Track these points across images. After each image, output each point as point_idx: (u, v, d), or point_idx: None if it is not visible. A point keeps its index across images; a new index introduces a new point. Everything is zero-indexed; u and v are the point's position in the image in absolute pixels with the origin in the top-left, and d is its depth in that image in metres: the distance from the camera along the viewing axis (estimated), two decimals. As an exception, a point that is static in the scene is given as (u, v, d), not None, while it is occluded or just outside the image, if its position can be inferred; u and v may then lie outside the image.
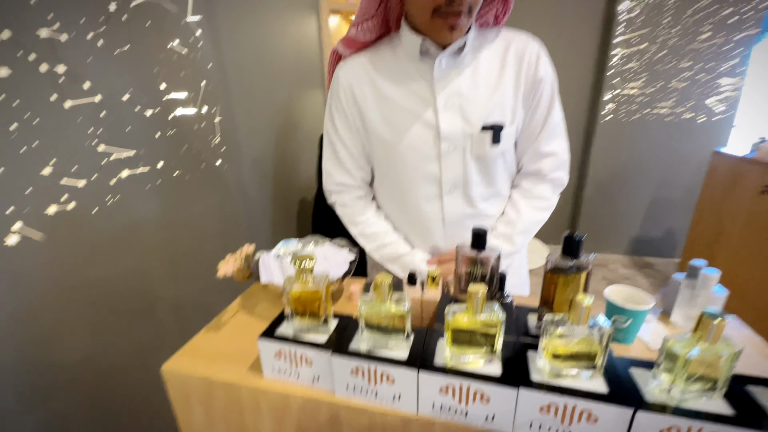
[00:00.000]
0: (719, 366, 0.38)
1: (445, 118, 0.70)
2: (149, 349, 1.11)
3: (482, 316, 0.43)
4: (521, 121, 0.73)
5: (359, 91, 0.74)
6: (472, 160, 0.72)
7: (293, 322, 0.52)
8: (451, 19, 0.61)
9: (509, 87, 0.70)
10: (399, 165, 0.75)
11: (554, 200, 0.79)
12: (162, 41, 1.07)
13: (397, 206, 0.81)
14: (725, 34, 2.44)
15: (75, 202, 0.87)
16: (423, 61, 0.70)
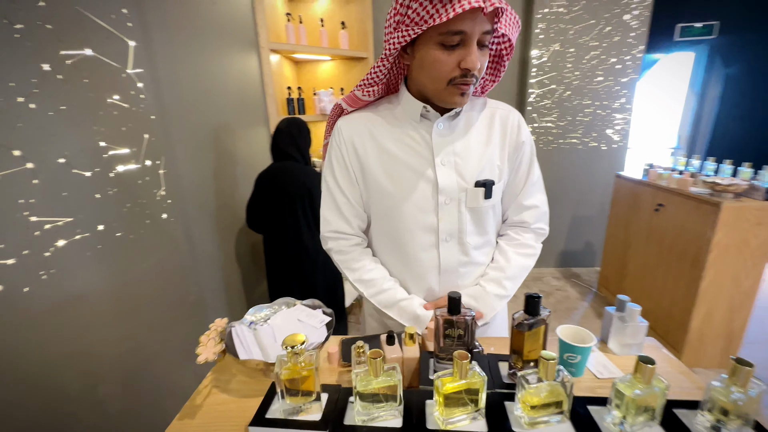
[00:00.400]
0: (655, 399, 0.47)
1: (442, 174, 0.78)
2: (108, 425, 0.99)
3: (466, 381, 0.48)
4: (507, 177, 0.84)
5: (361, 146, 0.80)
6: (467, 211, 0.80)
7: (285, 403, 0.53)
8: (463, 87, 0.70)
9: (496, 148, 0.81)
10: (399, 215, 0.80)
11: (538, 248, 0.88)
12: (101, 97, 1.01)
13: (395, 254, 0.85)
14: (613, 77, 2.94)
15: (2, 285, 0.77)
16: (422, 123, 0.79)
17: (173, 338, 1.31)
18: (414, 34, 0.66)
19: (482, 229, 0.83)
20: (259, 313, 0.76)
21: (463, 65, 0.66)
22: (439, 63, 0.67)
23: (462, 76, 0.68)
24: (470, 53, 0.65)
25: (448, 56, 0.67)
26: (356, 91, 0.81)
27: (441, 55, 0.67)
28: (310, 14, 2.85)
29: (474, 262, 0.84)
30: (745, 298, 1.96)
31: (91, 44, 0.98)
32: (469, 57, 0.65)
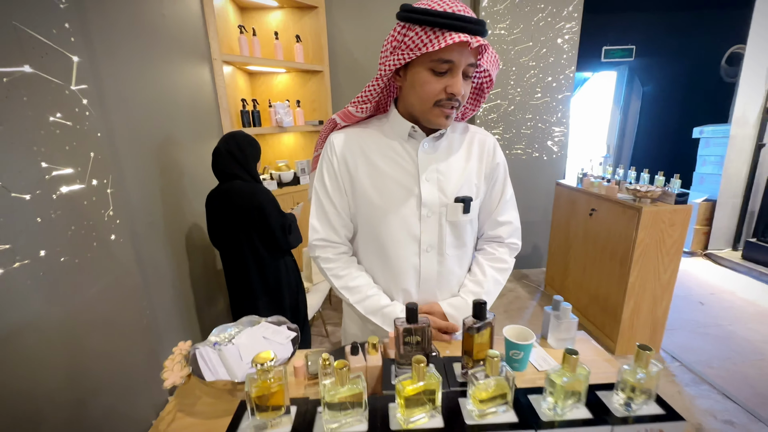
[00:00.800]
0: (581, 384, 0.56)
1: (426, 189, 0.85)
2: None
3: (426, 382, 0.54)
4: (483, 195, 0.92)
5: (351, 159, 0.87)
6: (447, 224, 0.87)
7: (255, 420, 0.55)
8: (447, 110, 0.78)
9: (474, 168, 0.89)
10: (384, 226, 0.86)
11: (511, 263, 0.97)
12: (42, 116, 0.96)
13: (379, 261, 0.90)
14: (550, 94, 3.23)
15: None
16: (409, 141, 0.86)
17: (127, 366, 1.25)
18: (409, 58, 0.74)
19: (461, 241, 0.91)
20: (223, 333, 0.77)
21: (449, 90, 0.75)
22: (429, 85, 0.76)
23: (447, 100, 0.76)
24: (456, 81, 0.74)
25: (437, 81, 0.75)
26: (350, 107, 0.88)
27: (431, 79, 0.76)
28: (264, 27, 2.85)
29: (451, 272, 0.92)
30: (664, 290, 2.23)
31: (31, 60, 0.93)
32: (455, 84, 0.74)
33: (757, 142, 3.65)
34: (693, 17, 4.36)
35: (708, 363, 2.30)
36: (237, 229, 1.59)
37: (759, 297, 3.09)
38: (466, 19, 0.70)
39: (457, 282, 0.95)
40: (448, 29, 0.69)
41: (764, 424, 1.81)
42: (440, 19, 0.69)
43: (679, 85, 4.64)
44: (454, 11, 0.70)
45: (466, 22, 0.69)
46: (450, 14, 0.69)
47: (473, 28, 0.70)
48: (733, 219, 3.89)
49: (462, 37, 0.69)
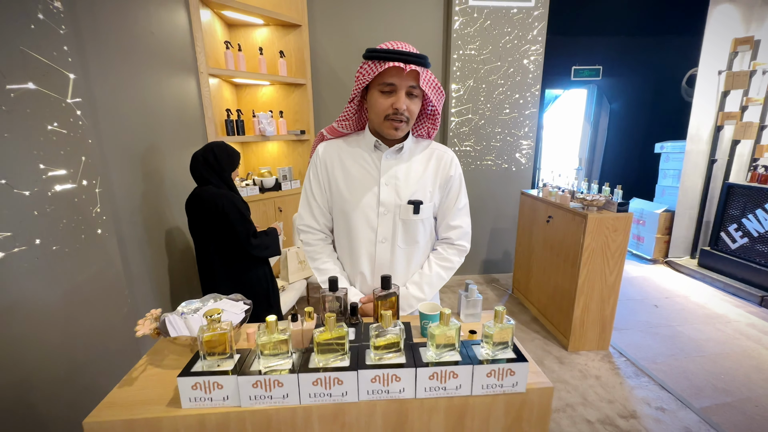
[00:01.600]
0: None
1: (384, 191, 1.05)
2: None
3: (334, 332, 0.72)
4: (438, 201, 1.12)
5: (331, 166, 1.09)
6: (400, 222, 1.07)
7: (205, 361, 0.72)
8: (395, 123, 0.98)
9: (430, 177, 1.09)
10: (351, 218, 1.07)
11: (457, 263, 1.16)
12: (41, 125, 1.13)
13: (346, 247, 1.12)
14: (518, 110, 3.47)
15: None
16: (375, 152, 1.07)
17: (107, 348, 1.39)
18: (364, 84, 0.98)
19: (412, 238, 1.10)
20: (190, 306, 0.94)
21: (394, 106, 0.96)
22: (378, 103, 0.98)
23: (394, 114, 0.97)
24: (399, 98, 0.96)
25: (385, 99, 0.98)
26: (335, 124, 1.11)
27: (380, 98, 0.98)
28: (250, 43, 3.05)
29: (401, 264, 1.11)
30: (610, 290, 2.44)
31: (34, 79, 1.10)
32: (397, 100, 0.96)
33: (710, 158, 3.95)
34: (654, 41, 4.70)
35: (653, 359, 2.51)
36: (205, 232, 1.74)
37: (709, 301, 3.33)
38: (400, 53, 0.93)
39: (404, 273, 1.13)
40: (387, 60, 0.92)
41: (690, 410, 2.01)
42: (382, 53, 0.93)
43: (643, 103, 4.96)
44: (395, 48, 0.93)
45: (400, 54, 0.92)
46: (388, 50, 0.93)
47: (406, 59, 0.92)
48: (691, 229, 4.16)
49: (396, 64, 0.92)
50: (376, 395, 0.72)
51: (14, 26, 1.04)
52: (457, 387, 0.73)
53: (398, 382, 0.72)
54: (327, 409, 0.72)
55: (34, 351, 1.11)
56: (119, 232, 1.53)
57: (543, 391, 0.76)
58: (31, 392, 1.10)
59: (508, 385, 0.74)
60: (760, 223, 3.35)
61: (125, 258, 1.56)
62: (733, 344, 2.67)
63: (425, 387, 0.72)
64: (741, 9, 3.63)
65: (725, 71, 3.73)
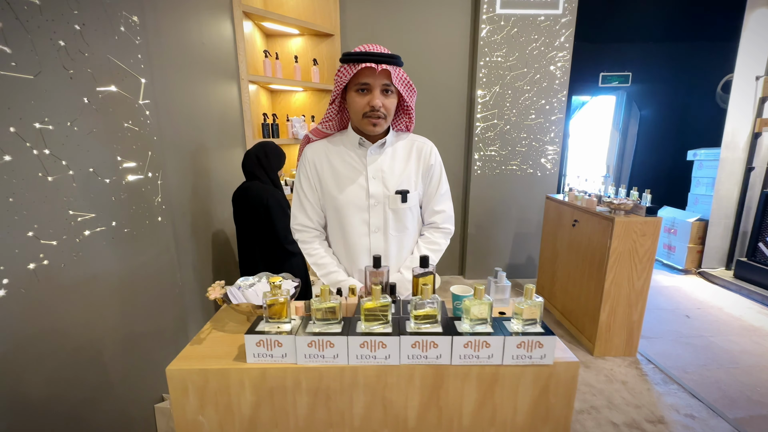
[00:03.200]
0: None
1: (372, 184, 1.13)
2: (111, 384, 1.21)
3: (379, 302, 0.81)
4: (422, 189, 1.20)
5: (319, 165, 1.16)
6: (390, 211, 1.15)
7: (268, 323, 0.83)
8: (373, 120, 1.06)
9: (413, 168, 1.18)
10: (344, 213, 1.15)
11: (444, 245, 1.24)
12: (120, 123, 1.30)
13: (340, 241, 1.19)
14: (544, 116, 3.50)
15: (48, 260, 1.02)
16: (360, 149, 1.15)
17: (160, 321, 1.54)
18: (342, 86, 1.07)
19: (402, 225, 1.19)
20: (245, 281, 1.06)
21: (369, 103, 1.05)
22: (355, 102, 1.06)
23: (371, 111, 1.05)
24: (374, 97, 1.04)
25: (361, 98, 1.06)
26: (319, 125, 1.19)
27: (357, 97, 1.06)
28: (286, 52, 3.24)
29: (393, 251, 1.19)
30: (638, 296, 2.42)
31: (116, 82, 1.27)
32: (373, 98, 1.04)
33: (747, 166, 3.82)
34: (686, 47, 4.62)
35: (684, 368, 2.46)
36: (249, 224, 1.88)
37: (744, 313, 3.21)
38: (372, 54, 0.99)
39: (396, 258, 1.21)
40: (360, 62, 1.00)
41: (723, 419, 1.97)
42: (355, 56, 1.00)
43: (674, 109, 4.85)
44: (367, 50, 1.00)
45: (371, 55, 0.99)
46: (359, 52, 1.00)
47: (377, 59, 0.99)
48: (726, 239, 4.02)
49: (368, 65, 0.99)
50: (415, 360, 0.81)
51: (104, 37, 1.21)
52: (489, 356, 0.80)
53: (435, 348, 0.80)
54: (371, 370, 0.81)
55: (105, 318, 1.26)
56: (173, 220, 1.69)
57: (569, 365, 0.82)
58: (103, 352, 1.25)
59: (536, 357, 0.80)
60: (802, 234, 3.21)
61: (178, 243, 1.72)
62: (770, 357, 2.58)
63: (460, 354, 0.80)
64: (780, 13, 3.53)
65: (763, 76, 3.62)
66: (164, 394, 1.53)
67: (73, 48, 1.09)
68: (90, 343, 1.19)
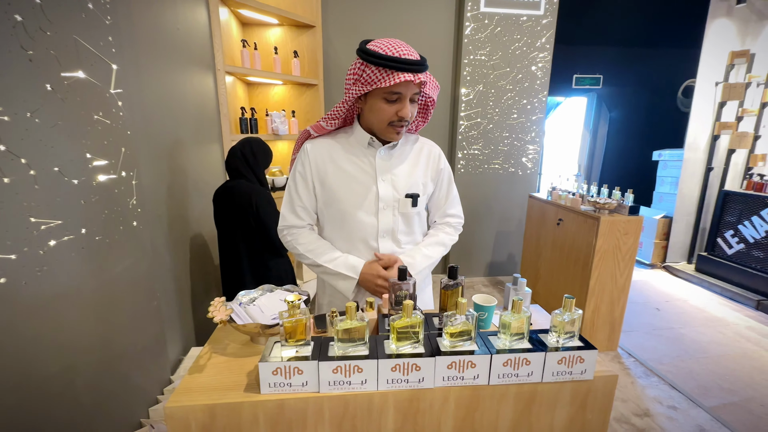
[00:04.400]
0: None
1: (382, 187, 1.05)
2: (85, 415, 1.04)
3: (410, 319, 0.74)
4: (430, 192, 1.14)
5: (322, 164, 1.06)
6: (399, 215, 1.08)
7: (286, 347, 0.73)
8: (398, 128, 0.99)
9: (421, 171, 1.11)
10: (350, 217, 1.06)
11: (456, 237, 1.21)
12: (89, 114, 1.13)
13: (347, 247, 1.10)
14: (525, 116, 3.54)
15: (4, 278, 0.85)
16: (368, 149, 1.06)
17: (138, 340, 1.38)
18: (366, 90, 0.95)
19: (410, 229, 1.13)
20: (246, 296, 0.94)
21: (399, 114, 0.97)
22: (383, 111, 0.97)
23: (398, 121, 0.98)
24: (405, 107, 0.96)
25: (390, 107, 0.97)
26: (322, 121, 1.08)
27: (385, 106, 0.97)
28: (264, 42, 3.06)
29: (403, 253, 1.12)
30: (620, 292, 2.50)
31: (84, 67, 1.10)
32: (404, 109, 0.96)
33: (707, 166, 4.08)
34: (653, 52, 4.85)
35: (660, 360, 2.57)
36: (234, 226, 1.74)
37: (707, 304, 3.42)
38: (410, 62, 0.89)
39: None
40: (397, 70, 0.89)
41: (702, 409, 2.07)
42: (390, 63, 0.88)
43: (641, 112, 5.10)
44: (401, 56, 0.89)
45: (410, 64, 0.89)
46: (398, 59, 0.89)
47: (416, 69, 0.90)
48: (688, 235, 4.28)
49: (407, 76, 0.89)
50: (451, 381, 0.74)
51: (69, 14, 1.03)
52: (528, 374, 0.75)
53: (473, 368, 0.73)
54: (402, 395, 0.74)
55: (78, 339, 1.09)
56: (149, 224, 1.52)
57: (608, 378, 0.78)
58: (77, 378, 1.08)
59: (576, 372, 0.76)
60: (756, 230, 3.47)
61: (156, 250, 1.55)
62: (734, 346, 2.75)
63: (498, 374, 0.74)
64: (737, 23, 3.78)
65: (722, 83, 3.87)
66: (142, 419, 1.37)
67: (32, 25, 0.92)
68: (61, 371, 1.02)
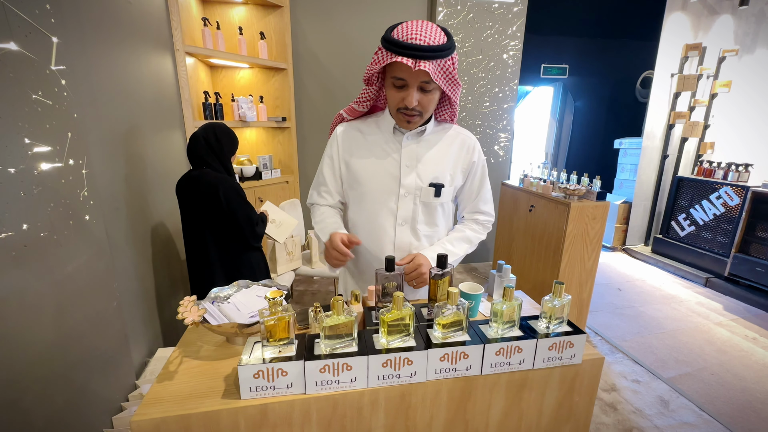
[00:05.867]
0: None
1: (405, 173, 1.02)
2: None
3: (401, 312, 0.70)
4: (459, 184, 1.10)
5: (348, 147, 1.07)
6: (420, 204, 1.04)
7: (267, 347, 0.67)
8: (408, 116, 0.95)
9: (451, 161, 1.06)
10: (370, 199, 1.04)
11: (484, 235, 1.18)
12: (26, 93, 0.98)
13: (366, 231, 1.09)
14: (497, 104, 3.57)
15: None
16: (395, 134, 1.03)
17: (97, 344, 1.26)
18: (375, 71, 0.94)
19: (432, 221, 1.08)
20: (220, 293, 0.87)
21: (404, 102, 0.92)
22: (390, 96, 0.96)
23: (405, 108, 0.93)
24: (408, 94, 0.91)
25: (396, 93, 0.93)
26: (354, 104, 1.07)
27: (392, 91, 0.94)
28: (228, 21, 2.86)
29: (422, 247, 1.08)
30: (588, 275, 2.61)
31: (16, 38, 0.95)
32: (407, 97, 0.91)
33: (663, 154, 4.32)
34: (615, 44, 5.04)
35: (623, 337, 2.72)
36: (201, 218, 1.62)
37: (663, 283, 3.66)
38: (409, 47, 0.84)
39: None
40: (395, 54, 0.85)
41: (661, 381, 2.21)
42: (391, 45, 0.86)
43: (603, 101, 5.31)
44: (405, 40, 0.84)
45: (409, 49, 0.84)
46: (396, 41, 0.85)
47: (416, 55, 0.84)
48: (645, 218, 4.54)
49: (400, 59, 0.84)
50: (444, 374, 0.72)
51: (-6, -26, 0.88)
52: (520, 362, 0.74)
53: (465, 359, 0.71)
54: (394, 391, 0.70)
55: (25, 348, 0.97)
56: (104, 217, 1.38)
57: (595, 361, 0.79)
58: (26, 394, 0.96)
59: (566, 357, 0.76)
60: (705, 213, 3.73)
61: (113, 247, 1.41)
62: (687, 321, 2.96)
63: (491, 363, 0.73)
64: (691, 17, 3.98)
65: (677, 74, 4.08)
66: (105, 430, 1.27)
67: (-54, -16, 0.78)
68: (5, 385, 0.90)
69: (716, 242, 3.61)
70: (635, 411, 1.96)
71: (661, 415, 1.94)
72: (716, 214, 3.61)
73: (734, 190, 3.44)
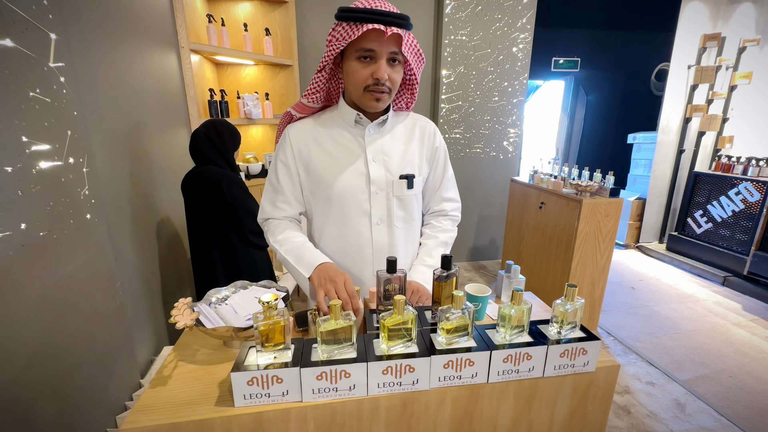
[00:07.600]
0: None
1: (373, 168, 0.95)
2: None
3: (402, 316, 0.66)
4: (426, 174, 1.04)
5: (305, 149, 0.96)
6: (395, 199, 0.98)
7: (262, 353, 0.64)
8: (377, 94, 0.87)
9: (416, 150, 1.00)
10: (339, 204, 0.95)
11: (455, 232, 1.12)
12: (23, 90, 0.97)
13: (338, 238, 0.99)
14: (506, 98, 3.49)
15: None
16: (356, 127, 0.95)
17: (99, 344, 1.25)
18: (338, 50, 0.85)
19: (408, 214, 1.02)
20: (217, 295, 0.84)
21: (374, 75, 0.85)
22: (356, 72, 0.86)
23: (375, 84, 0.86)
24: (379, 66, 0.84)
25: (364, 68, 0.86)
26: (302, 99, 0.97)
27: (358, 67, 0.86)
28: (233, 18, 2.84)
29: (400, 246, 1.03)
30: (600, 273, 2.53)
31: (12, 35, 0.94)
32: (378, 69, 0.84)
33: (679, 148, 4.18)
34: (628, 36, 4.89)
35: (636, 337, 2.64)
36: (204, 215, 1.61)
37: (678, 282, 3.56)
38: (379, 12, 0.79)
39: (406, 255, 1.05)
40: (364, 21, 0.79)
41: (677, 383, 2.14)
42: (359, 14, 0.79)
43: (617, 95, 5.17)
44: (373, 8, 0.80)
45: (379, 15, 0.79)
46: (365, 9, 0.79)
47: (386, 20, 0.79)
48: (660, 215, 4.42)
49: (375, 26, 0.79)
50: (448, 381, 0.68)
51: (-12, -31, 0.87)
52: (530, 369, 0.70)
53: (471, 366, 0.67)
54: (395, 399, 0.67)
55: (25, 349, 0.96)
56: (106, 216, 1.37)
57: (610, 369, 0.74)
58: (27, 394, 0.96)
59: (579, 365, 0.72)
60: (723, 209, 3.60)
61: (115, 246, 1.40)
62: (704, 321, 2.87)
63: (498, 371, 0.69)
64: (710, 6, 3.83)
65: (694, 66, 3.94)
66: (109, 429, 1.26)
67: (-63, -21, 0.76)
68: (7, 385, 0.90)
69: (735, 240, 3.49)
70: (650, 415, 1.90)
71: (677, 419, 1.87)
72: (735, 211, 3.48)
73: (754, 185, 3.31)
